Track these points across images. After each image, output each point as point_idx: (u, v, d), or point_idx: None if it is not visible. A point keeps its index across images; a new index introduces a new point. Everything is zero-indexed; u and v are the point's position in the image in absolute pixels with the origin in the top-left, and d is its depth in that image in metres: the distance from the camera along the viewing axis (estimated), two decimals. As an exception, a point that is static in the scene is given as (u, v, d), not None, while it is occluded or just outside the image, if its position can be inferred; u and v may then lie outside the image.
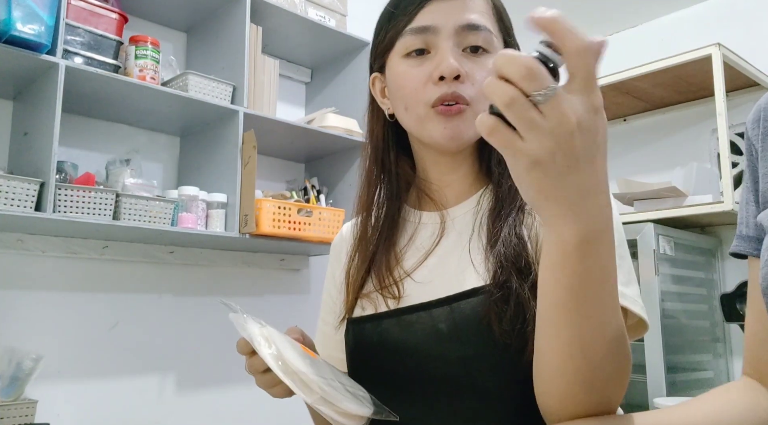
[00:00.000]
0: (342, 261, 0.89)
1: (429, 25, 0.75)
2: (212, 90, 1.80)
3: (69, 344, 1.75)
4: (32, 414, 1.54)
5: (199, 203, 1.79)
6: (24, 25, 1.41)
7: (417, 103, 0.76)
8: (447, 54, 0.74)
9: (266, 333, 0.71)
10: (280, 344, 0.70)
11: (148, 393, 1.88)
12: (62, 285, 1.76)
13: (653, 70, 2.14)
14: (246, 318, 0.73)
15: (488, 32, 0.76)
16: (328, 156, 2.27)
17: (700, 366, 2.14)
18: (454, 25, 0.75)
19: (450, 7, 0.76)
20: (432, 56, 0.76)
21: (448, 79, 0.73)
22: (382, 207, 0.85)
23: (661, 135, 2.57)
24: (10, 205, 1.41)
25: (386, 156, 0.85)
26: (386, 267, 0.80)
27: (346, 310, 0.82)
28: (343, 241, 0.92)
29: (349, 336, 0.81)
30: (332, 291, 0.91)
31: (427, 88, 0.75)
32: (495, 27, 0.79)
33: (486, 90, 0.45)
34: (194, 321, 2.00)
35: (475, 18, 0.76)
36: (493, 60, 0.45)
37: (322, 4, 2.17)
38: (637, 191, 2.14)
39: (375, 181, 0.86)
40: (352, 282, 0.83)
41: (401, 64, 0.78)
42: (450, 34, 0.75)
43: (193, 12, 1.99)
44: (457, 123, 0.74)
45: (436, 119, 0.75)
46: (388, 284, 0.78)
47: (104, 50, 1.61)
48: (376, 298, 0.79)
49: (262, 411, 2.11)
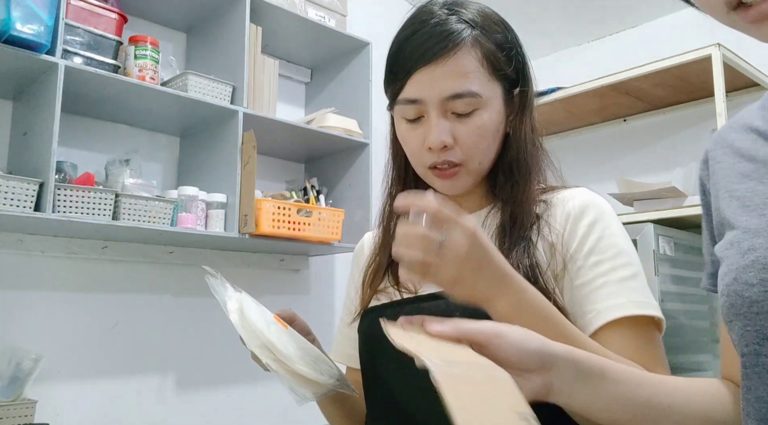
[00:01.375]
0: (361, 266, 0.95)
1: (416, 98, 0.79)
2: (212, 90, 1.80)
3: (69, 344, 1.74)
4: (32, 414, 1.54)
5: (199, 203, 1.79)
6: (23, 25, 1.41)
7: (417, 164, 0.83)
8: (433, 127, 0.78)
9: (239, 296, 0.74)
10: (247, 304, 0.73)
11: (148, 393, 1.88)
12: (62, 285, 1.76)
13: (653, 70, 2.13)
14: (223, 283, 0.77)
15: (473, 96, 0.77)
16: (327, 156, 2.27)
17: (700, 366, 2.14)
18: (438, 97, 0.77)
19: (435, 75, 0.77)
20: (425, 121, 0.80)
21: (435, 150, 0.79)
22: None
23: (661, 135, 2.57)
24: (10, 205, 1.41)
25: (407, 176, 0.90)
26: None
27: (362, 305, 0.88)
28: (364, 248, 0.99)
29: (364, 323, 0.86)
30: (351, 293, 0.97)
31: (423, 153, 0.81)
32: (485, 79, 0.79)
33: (401, 252, 0.63)
34: (194, 321, 2.00)
35: (459, 85, 0.77)
36: (400, 235, 0.63)
37: (322, 4, 2.17)
38: (637, 191, 2.14)
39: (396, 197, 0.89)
40: (369, 281, 0.89)
41: (401, 124, 0.83)
42: (436, 105, 0.78)
43: (192, 12, 1.98)
44: (453, 182, 0.82)
45: (434, 178, 0.82)
46: (403, 280, 0.82)
47: (104, 50, 1.61)
48: (392, 293, 0.84)
49: (262, 411, 2.11)
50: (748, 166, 0.62)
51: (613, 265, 0.76)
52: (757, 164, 0.61)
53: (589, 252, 0.77)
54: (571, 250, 0.77)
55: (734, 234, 0.59)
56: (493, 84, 0.80)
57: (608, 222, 0.79)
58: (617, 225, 0.80)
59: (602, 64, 2.49)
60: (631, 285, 0.75)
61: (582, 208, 0.79)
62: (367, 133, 2.15)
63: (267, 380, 2.10)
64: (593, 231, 0.78)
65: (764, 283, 0.53)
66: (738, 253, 0.57)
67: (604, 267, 0.76)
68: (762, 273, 0.53)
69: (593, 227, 0.78)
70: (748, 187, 0.60)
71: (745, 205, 0.60)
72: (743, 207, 0.60)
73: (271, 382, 2.06)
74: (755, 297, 0.53)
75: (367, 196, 2.12)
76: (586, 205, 0.80)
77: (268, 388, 2.10)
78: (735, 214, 0.60)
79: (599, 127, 2.71)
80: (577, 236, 0.78)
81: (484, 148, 0.80)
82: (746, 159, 0.62)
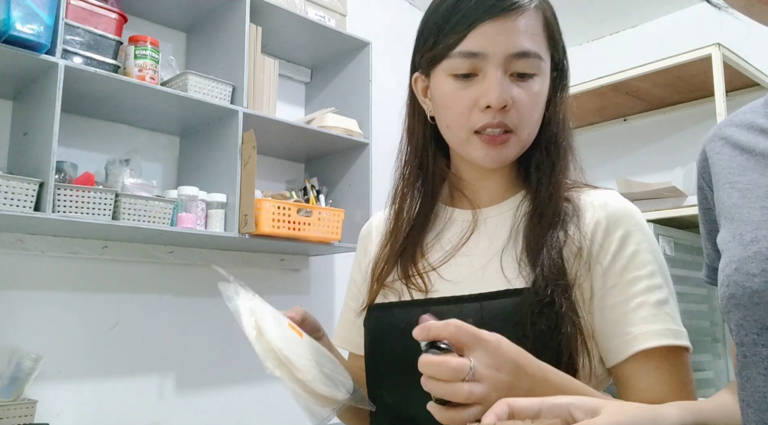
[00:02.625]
0: (368, 250, 0.92)
1: (478, 52, 0.73)
2: (212, 90, 1.80)
3: (69, 344, 1.74)
4: (32, 414, 1.54)
5: (199, 203, 1.79)
6: (23, 24, 1.40)
7: (461, 127, 0.76)
8: (495, 84, 0.73)
9: (252, 304, 0.71)
10: (262, 317, 0.69)
11: (148, 393, 1.88)
12: (62, 285, 1.76)
13: (653, 70, 2.13)
14: (236, 288, 0.72)
15: (537, 58, 0.74)
16: (327, 156, 2.27)
17: (700, 366, 2.14)
18: (504, 53, 0.73)
19: (501, 30, 0.73)
20: (479, 80, 0.74)
21: (494, 109, 0.73)
22: (416, 202, 0.87)
23: (661, 135, 2.57)
24: (10, 204, 1.41)
25: (425, 155, 0.85)
26: (411, 259, 0.82)
27: (369, 298, 0.85)
28: (372, 231, 0.95)
29: (372, 320, 0.83)
30: (357, 278, 0.94)
31: (473, 114, 0.75)
32: (545, 45, 0.77)
33: (437, 391, 0.60)
34: (194, 321, 2.00)
35: (526, 44, 0.74)
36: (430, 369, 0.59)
37: (322, 4, 2.17)
38: (637, 191, 2.14)
39: (410, 179, 0.87)
40: (378, 272, 0.85)
41: (447, 82, 0.77)
42: (499, 62, 0.73)
43: (192, 12, 1.98)
44: (501, 150, 0.76)
45: (478, 145, 0.76)
46: (411, 274, 0.81)
47: (104, 50, 1.61)
48: (400, 288, 0.82)
49: (262, 411, 2.11)
50: (748, 159, 0.62)
51: (649, 285, 0.73)
52: (758, 157, 0.61)
53: (623, 268, 0.73)
54: (604, 265, 0.74)
55: (736, 225, 0.59)
56: (548, 55, 0.78)
57: (643, 235, 0.75)
58: (651, 237, 0.76)
59: (602, 64, 2.49)
60: (666, 310, 0.72)
61: (615, 218, 0.75)
62: (367, 133, 2.15)
63: (267, 380, 2.10)
64: (627, 244, 0.74)
65: (766, 274, 0.53)
66: (740, 245, 0.57)
67: (640, 286, 0.73)
68: (764, 264, 0.54)
69: (627, 240, 0.74)
70: (750, 179, 0.61)
71: (746, 197, 0.60)
72: (744, 199, 0.60)
73: (272, 382, 2.06)
74: (756, 287, 0.54)
75: (367, 196, 2.12)
76: (619, 214, 0.76)
77: (268, 388, 2.10)
78: (736, 206, 0.61)
79: (599, 127, 2.71)
80: (610, 251, 0.74)
81: (536, 118, 0.77)
82: (746, 151, 0.63)
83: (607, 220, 0.75)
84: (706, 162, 0.69)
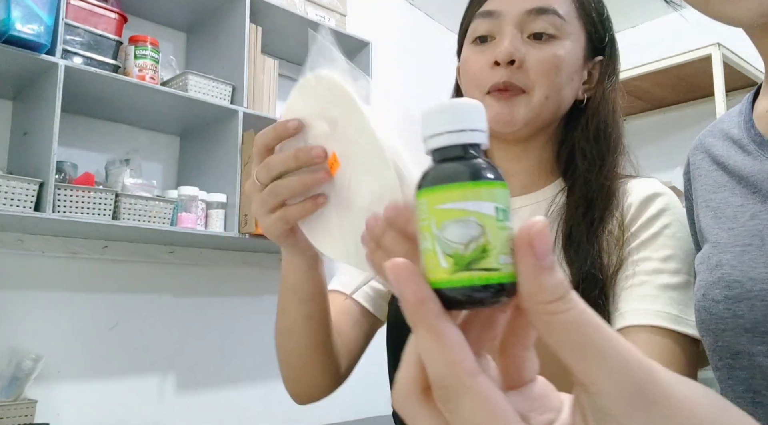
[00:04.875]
0: None
1: (494, 10, 0.73)
2: (212, 90, 1.80)
3: (69, 344, 1.74)
4: (32, 414, 1.54)
5: (199, 203, 1.79)
6: (23, 24, 1.40)
7: (474, 88, 0.74)
8: (504, 39, 0.71)
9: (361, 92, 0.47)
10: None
11: (148, 393, 1.88)
12: (62, 285, 1.76)
13: (653, 70, 2.14)
14: (330, 49, 0.49)
15: (556, 16, 0.72)
16: (327, 156, 2.27)
17: (700, 366, 2.14)
18: (519, 10, 0.72)
19: None
20: (496, 43, 0.73)
21: (502, 64, 0.71)
22: None
23: (661, 135, 2.57)
24: (10, 204, 1.41)
25: None
26: None
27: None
28: None
29: (392, 313, 0.82)
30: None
31: (485, 72, 0.73)
32: (571, 9, 0.74)
33: None
34: (194, 321, 2.00)
35: (545, 1, 0.72)
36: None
37: (322, 4, 2.17)
38: (637, 191, 2.14)
39: None
40: None
41: (468, 49, 0.76)
42: (514, 20, 0.72)
43: (192, 12, 1.98)
44: (510, 106, 0.71)
45: (489, 104, 0.72)
46: None
47: (104, 50, 1.61)
48: None
49: (262, 411, 2.11)
50: (722, 175, 0.61)
51: (659, 268, 0.68)
52: (730, 174, 0.60)
53: (640, 245, 0.69)
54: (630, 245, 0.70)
55: (706, 247, 0.58)
56: (579, 23, 0.75)
57: (672, 219, 0.70)
58: (680, 225, 0.70)
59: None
60: (672, 294, 0.66)
61: (648, 200, 0.72)
62: (367, 133, 2.15)
63: (267, 380, 2.10)
64: (652, 225, 0.70)
65: (728, 301, 0.52)
66: (707, 269, 0.56)
67: (649, 266, 0.68)
68: (726, 291, 0.52)
69: (653, 221, 0.70)
70: (722, 197, 0.59)
71: (717, 217, 0.59)
72: (715, 218, 0.59)
73: (272, 382, 2.07)
74: (720, 313, 0.53)
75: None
76: (652, 197, 0.72)
77: (268, 388, 2.10)
78: (708, 226, 0.60)
79: (599, 127, 2.70)
80: (633, 229, 0.70)
81: (556, 82, 0.72)
82: (721, 167, 0.61)
83: (640, 203, 0.72)
84: (689, 174, 0.67)
